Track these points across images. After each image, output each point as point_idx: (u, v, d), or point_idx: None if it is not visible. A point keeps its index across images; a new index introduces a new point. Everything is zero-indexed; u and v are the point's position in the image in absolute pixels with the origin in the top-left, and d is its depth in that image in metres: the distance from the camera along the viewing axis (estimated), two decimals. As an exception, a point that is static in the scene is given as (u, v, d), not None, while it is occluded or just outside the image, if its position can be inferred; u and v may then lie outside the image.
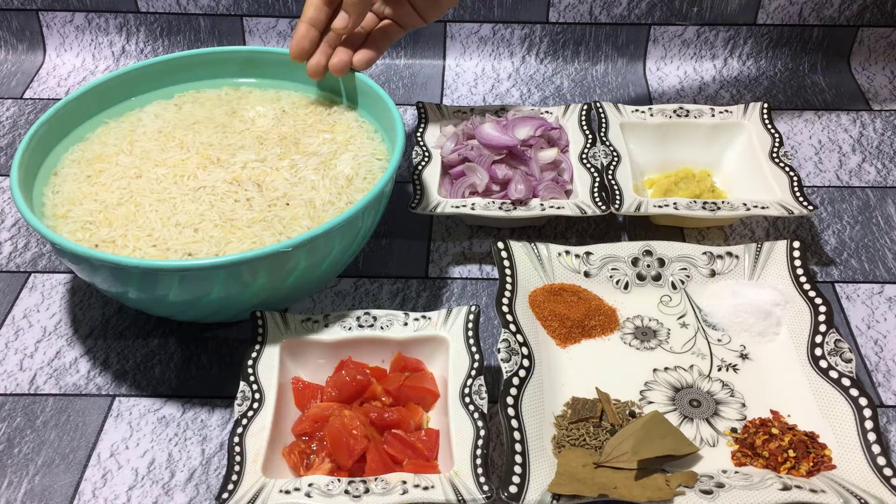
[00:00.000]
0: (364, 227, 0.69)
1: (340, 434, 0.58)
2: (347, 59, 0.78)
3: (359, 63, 0.79)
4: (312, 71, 0.79)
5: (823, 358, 0.65)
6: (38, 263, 0.80)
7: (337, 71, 0.78)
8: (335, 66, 0.78)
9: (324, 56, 0.78)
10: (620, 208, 0.76)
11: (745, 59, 1.05)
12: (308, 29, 0.78)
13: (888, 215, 0.85)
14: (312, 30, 0.78)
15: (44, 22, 1.06)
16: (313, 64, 0.78)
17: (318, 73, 0.79)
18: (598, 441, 0.61)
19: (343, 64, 0.78)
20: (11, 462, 0.64)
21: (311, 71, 0.79)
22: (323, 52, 0.78)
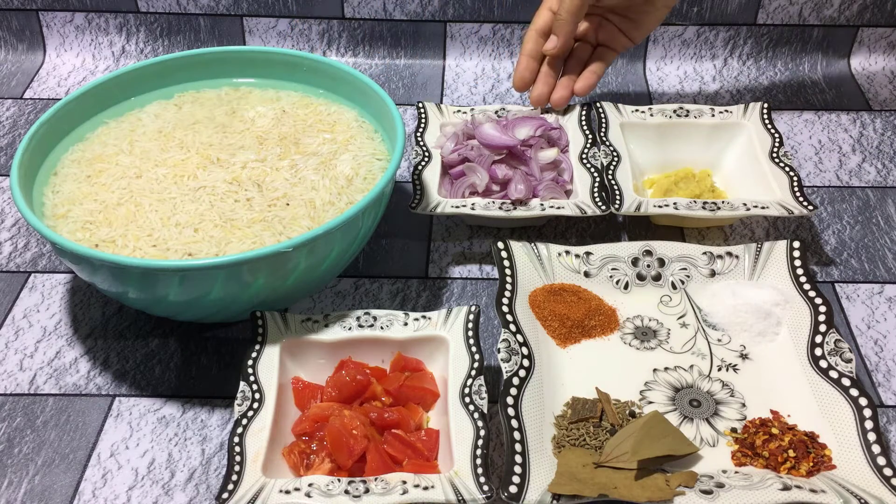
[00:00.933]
0: (364, 227, 0.69)
1: (340, 434, 0.58)
2: (567, 94, 0.86)
3: (580, 90, 0.86)
4: (536, 100, 0.86)
5: (823, 358, 0.65)
6: (38, 263, 0.80)
7: (557, 105, 0.86)
8: (556, 101, 0.86)
9: (546, 86, 0.86)
10: (620, 208, 0.76)
11: (745, 59, 1.05)
12: (528, 61, 0.86)
13: (888, 215, 0.85)
14: (532, 61, 0.86)
15: (44, 22, 1.06)
16: (536, 94, 0.86)
17: (541, 101, 0.86)
18: (598, 441, 0.61)
19: (563, 99, 0.86)
20: (11, 462, 0.64)
21: (535, 100, 0.86)
22: (544, 81, 0.86)
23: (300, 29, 1.05)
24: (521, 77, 0.86)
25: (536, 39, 0.85)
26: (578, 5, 0.81)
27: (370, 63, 1.06)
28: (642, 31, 0.87)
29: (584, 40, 0.88)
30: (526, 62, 0.86)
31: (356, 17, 1.04)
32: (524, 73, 0.86)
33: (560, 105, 0.86)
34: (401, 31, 1.05)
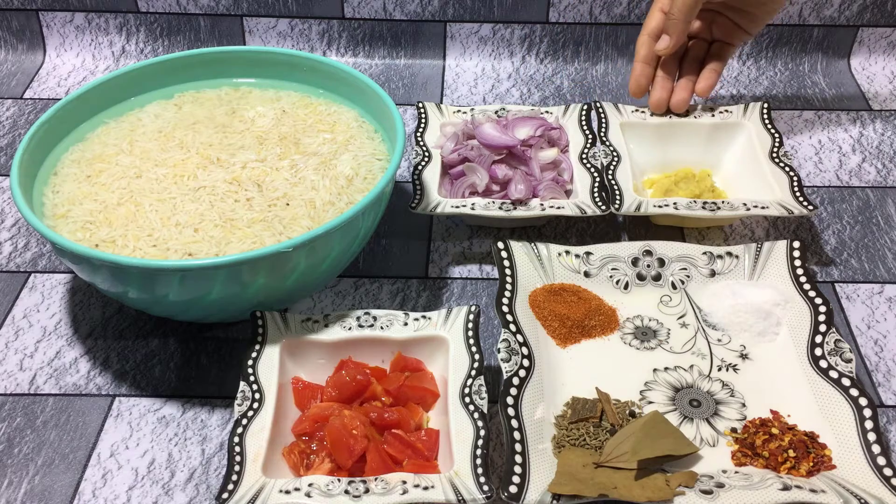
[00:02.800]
0: (364, 227, 0.69)
1: (340, 434, 0.58)
2: (688, 95, 0.84)
3: (702, 90, 0.84)
4: (656, 105, 0.84)
5: (823, 358, 0.65)
6: (38, 263, 0.80)
7: (679, 108, 0.84)
8: (677, 104, 0.83)
9: (664, 90, 0.84)
10: (620, 208, 0.76)
11: (745, 59, 1.05)
12: (643, 67, 0.83)
13: (888, 215, 0.85)
14: (647, 67, 0.84)
15: (44, 22, 1.06)
16: (655, 99, 0.84)
17: (660, 107, 0.84)
18: (598, 441, 0.61)
19: (684, 101, 0.83)
20: (11, 462, 0.64)
21: (655, 105, 0.84)
22: (662, 86, 0.84)
23: (300, 29, 1.05)
24: (637, 83, 0.84)
25: (649, 43, 0.83)
26: (691, 4, 0.79)
27: (370, 63, 1.06)
28: (759, 23, 0.84)
29: (698, 37, 0.86)
30: (641, 68, 0.84)
31: (356, 17, 1.04)
32: (640, 78, 0.84)
33: (681, 108, 0.84)
34: (401, 31, 1.05)
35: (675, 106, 0.84)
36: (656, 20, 0.82)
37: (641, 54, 0.84)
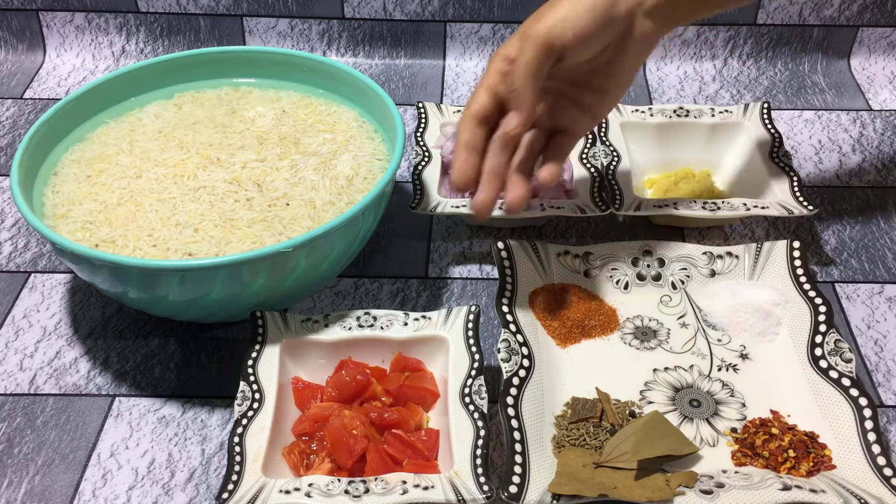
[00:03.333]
0: (364, 227, 0.69)
1: (340, 434, 0.58)
2: (524, 193, 0.64)
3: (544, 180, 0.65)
4: (480, 208, 0.64)
5: (823, 358, 0.65)
6: (38, 263, 0.80)
7: (514, 209, 0.64)
8: (512, 203, 0.64)
9: (491, 190, 0.63)
10: (620, 208, 0.76)
11: (745, 59, 1.05)
12: (468, 155, 0.63)
13: (888, 215, 0.85)
14: (472, 155, 0.63)
15: (44, 22, 1.06)
16: (480, 201, 0.63)
17: (485, 211, 0.64)
18: (598, 441, 0.61)
19: (520, 200, 0.64)
20: (11, 462, 0.64)
21: (479, 208, 0.64)
22: (490, 184, 0.63)
23: (300, 29, 1.05)
24: (462, 173, 0.63)
25: (474, 127, 0.63)
26: (536, 67, 0.61)
27: (370, 63, 1.06)
28: (608, 103, 0.67)
29: (535, 125, 0.67)
30: (465, 156, 0.63)
31: (356, 17, 1.04)
32: (464, 167, 0.63)
33: (519, 208, 0.64)
34: (401, 31, 1.05)
35: (512, 206, 0.64)
36: (481, 101, 0.63)
37: (464, 139, 0.63)
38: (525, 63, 0.60)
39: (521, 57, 0.61)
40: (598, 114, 0.67)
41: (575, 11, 0.60)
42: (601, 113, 0.67)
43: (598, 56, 0.63)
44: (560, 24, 0.60)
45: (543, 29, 0.60)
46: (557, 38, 0.60)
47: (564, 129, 0.67)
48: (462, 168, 0.63)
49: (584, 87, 0.66)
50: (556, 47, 0.60)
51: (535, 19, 0.61)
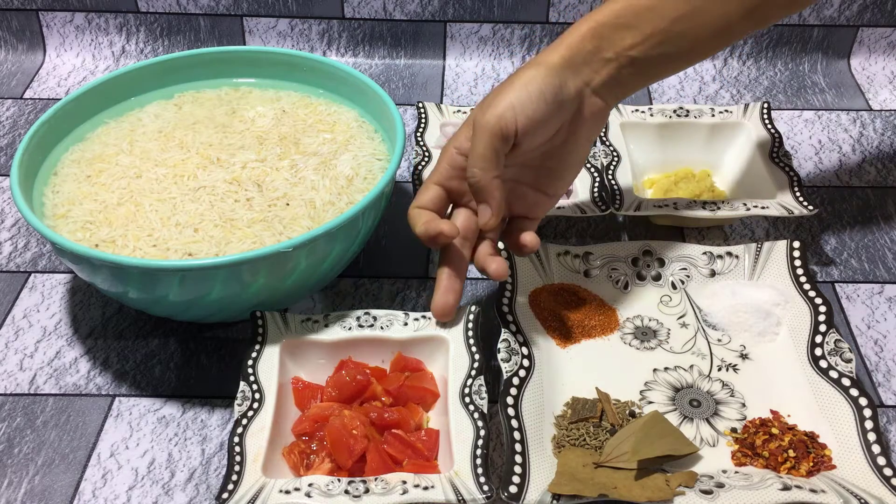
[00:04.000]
0: (364, 227, 0.69)
1: (340, 434, 0.58)
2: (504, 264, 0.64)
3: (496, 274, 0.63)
4: (443, 314, 0.64)
5: (823, 358, 0.65)
6: (38, 263, 0.80)
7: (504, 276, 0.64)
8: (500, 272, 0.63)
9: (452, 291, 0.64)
10: (620, 208, 0.76)
11: (745, 59, 1.05)
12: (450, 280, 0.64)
13: (888, 215, 0.85)
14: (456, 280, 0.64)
15: (44, 22, 1.06)
16: (442, 308, 0.64)
17: (447, 313, 0.65)
18: (598, 441, 0.61)
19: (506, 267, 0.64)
20: (11, 462, 0.64)
21: (441, 312, 0.64)
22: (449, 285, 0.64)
23: (300, 29, 1.05)
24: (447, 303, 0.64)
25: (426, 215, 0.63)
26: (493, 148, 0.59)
27: (370, 63, 1.06)
28: (565, 182, 0.66)
29: None
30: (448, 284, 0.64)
31: (356, 17, 1.04)
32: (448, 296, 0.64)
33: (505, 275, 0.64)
34: (401, 31, 1.05)
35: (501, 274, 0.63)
36: (433, 194, 0.64)
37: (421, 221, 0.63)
38: (480, 154, 0.59)
39: (476, 148, 0.60)
40: (556, 195, 0.66)
41: (524, 97, 0.59)
42: (559, 193, 0.67)
43: (551, 138, 0.62)
44: (510, 112, 0.59)
45: (493, 117, 0.59)
46: (509, 125, 0.59)
47: (522, 216, 0.67)
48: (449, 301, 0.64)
49: (539, 170, 0.65)
50: (509, 135, 0.59)
51: (484, 108, 0.60)
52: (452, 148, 0.63)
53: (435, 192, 0.64)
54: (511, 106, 0.59)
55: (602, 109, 0.63)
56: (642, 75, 0.62)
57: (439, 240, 0.63)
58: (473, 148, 0.60)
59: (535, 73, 0.60)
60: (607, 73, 0.61)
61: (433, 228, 0.62)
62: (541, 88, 0.59)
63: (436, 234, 0.62)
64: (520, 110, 0.59)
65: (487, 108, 0.60)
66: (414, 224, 0.64)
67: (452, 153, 0.63)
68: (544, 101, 0.60)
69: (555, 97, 0.60)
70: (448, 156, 0.64)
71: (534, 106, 0.59)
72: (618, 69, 0.61)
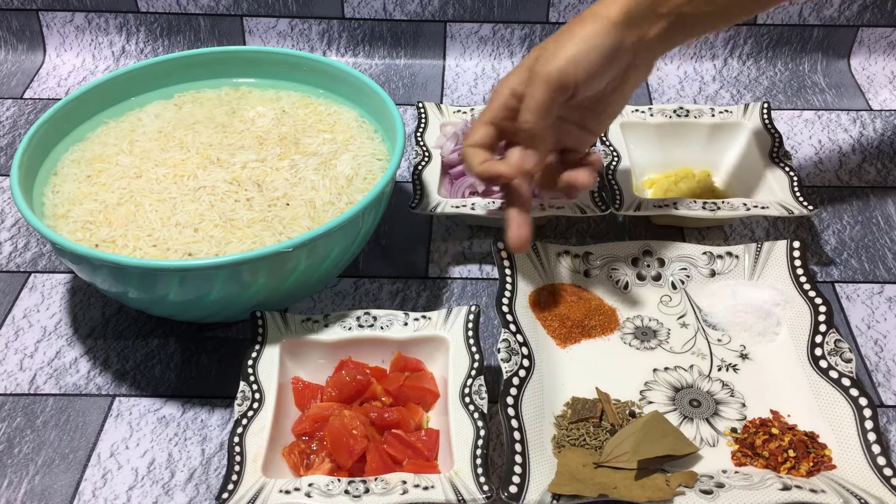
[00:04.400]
0: (364, 227, 0.69)
1: (340, 434, 0.58)
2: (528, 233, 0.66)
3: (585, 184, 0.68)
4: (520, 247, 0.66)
5: (823, 358, 0.65)
6: (38, 263, 0.80)
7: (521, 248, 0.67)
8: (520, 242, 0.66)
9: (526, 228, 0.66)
10: (620, 208, 0.76)
11: (745, 59, 1.05)
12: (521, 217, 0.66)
13: (888, 215, 0.85)
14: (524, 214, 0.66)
15: (44, 22, 1.06)
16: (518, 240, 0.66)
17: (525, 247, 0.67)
18: (598, 441, 0.61)
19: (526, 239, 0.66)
20: (11, 462, 0.64)
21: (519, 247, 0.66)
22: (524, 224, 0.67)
23: (300, 29, 1.05)
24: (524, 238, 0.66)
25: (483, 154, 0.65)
26: (546, 104, 0.62)
27: (370, 63, 1.06)
28: (608, 121, 0.69)
29: None
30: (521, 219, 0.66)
31: (356, 17, 1.04)
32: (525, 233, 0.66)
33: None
34: (401, 31, 1.05)
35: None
36: (485, 133, 0.66)
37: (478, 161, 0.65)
38: (537, 103, 0.62)
39: (533, 96, 0.62)
40: (598, 131, 0.69)
41: (585, 52, 0.61)
42: (602, 130, 0.69)
43: (602, 88, 0.65)
44: (572, 65, 0.61)
45: (555, 70, 0.61)
46: (569, 78, 0.61)
47: (568, 148, 0.70)
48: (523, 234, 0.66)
49: (585, 111, 0.67)
50: (567, 87, 0.62)
51: (544, 59, 0.62)
52: (506, 90, 0.65)
53: (487, 130, 0.66)
54: (573, 60, 0.61)
55: (649, 62, 0.66)
56: (690, 31, 0.65)
57: (500, 179, 0.65)
58: (530, 96, 0.62)
59: (596, 27, 0.62)
60: (660, 28, 0.63)
61: (493, 170, 0.65)
62: (601, 43, 0.61)
63: (495, 174, 0.65)
64: (580, 65, 0.61)
65: (549, 60, 0.62)
66: (471, 163, 0.66)
67: (506, 95, 0.65)
68: (604, 56, 0.62)
69: (614, 53, 0.62)
70: (502, 97, 0.65)
71: (593, 61, 0.62)
72: (669, 25, 0.64)
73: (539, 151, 0.64)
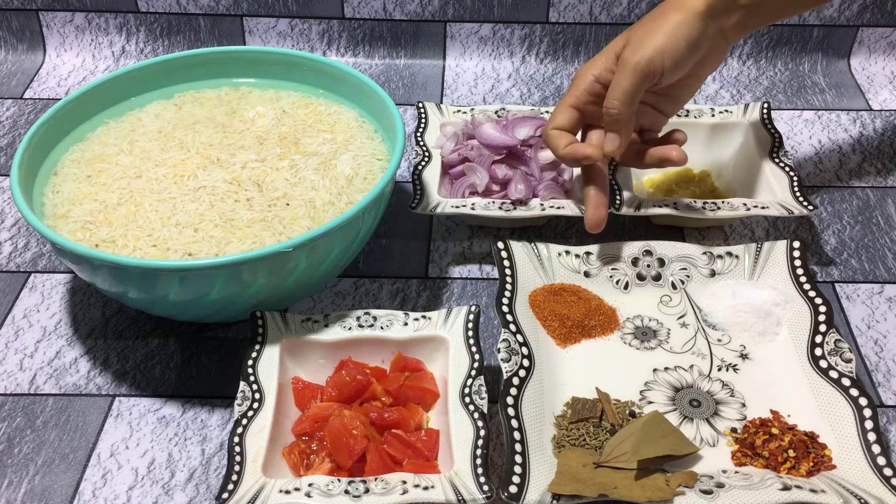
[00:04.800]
0: (364, 227, 0.69)
1: (340, 434, 0.58)
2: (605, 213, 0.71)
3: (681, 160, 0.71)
4: (597, 226, 0.71)
5: (823, 358, 0.65)
6: (38, 263, 0.80)
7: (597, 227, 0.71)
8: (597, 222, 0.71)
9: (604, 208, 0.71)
10: (620, 208, 0.76)
11: (745, 59, 1.05)
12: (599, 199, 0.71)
13: (888, 215, 0.85)
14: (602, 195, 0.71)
15: (44, 22, 1.06)
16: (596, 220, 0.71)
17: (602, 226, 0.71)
18: (598, 441, 0.61)
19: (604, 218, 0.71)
20: (11, 462, 0.64)
21: (596, 226, 0.71)
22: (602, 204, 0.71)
23: (300, 29, 1.05)
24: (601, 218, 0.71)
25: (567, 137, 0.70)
26: (633, 91, 0.67)
27: (370, 63, 1.06)
28: (679, 105, 0.74)
29: None
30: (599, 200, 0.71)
31: (356, 17, 1.04)
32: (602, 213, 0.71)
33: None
34: (401, 31, 1.05)
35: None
36: (568, 116, 0.70)
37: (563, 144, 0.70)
38: (624, 90, 0.66)
39: (621, 84, 0.66)
40: (672, 113, 0.74)
41: (672, 43, 0.66)
42: (674, 112, 0.74)
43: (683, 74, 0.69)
44: (659, 55, 0.66)
45: (644, 60, 0.66)
46: (657, 68, 0.66)
47: (644, 128, 0.75)
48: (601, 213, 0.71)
49: (661, 96, 0.72)
50: (654, 76, 0.66)
51: (632, 48, 0.66)
52: (590, 75, 0.70)
53: (571, 114, 0.71)
54: (661, 51, 0.66)
55: (724, 49, 0.70)
56: (765, 18, 0.69)
57: (584, 162, 0.70)
58: (617, 83, 0.67)
59: (682, 18, 0.66)
60: (738, 17, 0.67)
61: (580, 152, 0.69)
62: (688, 34, 0.66)
63: (582, 157, 0.69)
64: (667, 55, 0.66)
65: (637, 49, 0.66)
66: (555, 146, 0.70)
67: (590, 80, 0.70)
68: (689, 47, 0.66)
69: (698, 43, 0.66)
70: (585, 82, 0.70)
71: (680, 51, 0.66)
72: (747, 14, 0.67)
73: (623, 135, 0.69)
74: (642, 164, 0.74)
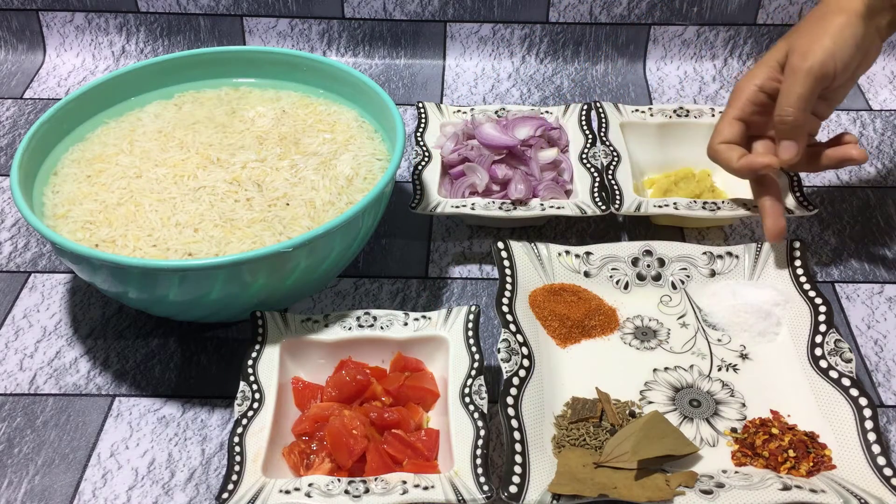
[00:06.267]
0: (364, 227, 0.69)
1: (340, 434, 0.58)
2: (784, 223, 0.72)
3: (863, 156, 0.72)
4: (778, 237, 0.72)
5: (823, 358, 0.65)
6: (38, 263, 0.80)
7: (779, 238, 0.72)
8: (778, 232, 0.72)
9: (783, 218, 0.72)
10: (620, 208, 0.76)
11: (745, 59, 1.05)
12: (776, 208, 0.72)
13: (888, 215, 0.85)
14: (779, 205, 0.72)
15: (44, 22, 1.06)
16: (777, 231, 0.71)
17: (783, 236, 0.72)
18: (598, 441, 0.61)
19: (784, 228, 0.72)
20: (11, 462, 0.64)
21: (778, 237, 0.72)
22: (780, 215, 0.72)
23: (300, 29, 1.05)
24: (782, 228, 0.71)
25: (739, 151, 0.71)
26: (813, 92, 0.67)
27: (370, 63, 1.06)
28: (833, 107, 0.73)
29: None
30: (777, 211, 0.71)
31: (356, 17, 1.04)
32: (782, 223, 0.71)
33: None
34: (401, 31, 1.05)
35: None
36: (735, 130, 0.72)
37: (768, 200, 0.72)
38: (799, 96, 0.67)
39: (794, 90, 0.67)
40: (827, 116, 0.73)
41: (841, 45, 0.67)
42: (829, 114, 0.74)
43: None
44: (830, 58, 0.66)
45: (817, 64, 0.66)
46: (829, 71, 0.67)
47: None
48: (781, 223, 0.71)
49: (821, 99, 0.71)
50: (827, 79, 0.67)
51: (800, 54, 0.67)
52: (753, 86, 0.71)
53: (737, 126, 0.71)
54: (832, 54, 0.66)
55: (878, 48, 0.71)
56: None
57: (763, 171, 0.71)
58: (790, 90, 0.67)
59: (845, 20, 0.67)
60: (891, 16, 0.68)
61: (758, 162, 0.70)
62: (854, 36, 0.67)
63: (761, 167, 0.70)
64: (838, 57, 0.66)
65: (806, 54, 0.66)
66: (727, 159, 0.71)
67: (754, 90, 0.71)
68: (856, 48, 0.67)
69: (863, 44, 0.68)
70: (749, 94, 0.71)
71: (849, 53, 0.67)
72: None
73: (800, 141, 0.69)
74: (817, 167, 0.73)
